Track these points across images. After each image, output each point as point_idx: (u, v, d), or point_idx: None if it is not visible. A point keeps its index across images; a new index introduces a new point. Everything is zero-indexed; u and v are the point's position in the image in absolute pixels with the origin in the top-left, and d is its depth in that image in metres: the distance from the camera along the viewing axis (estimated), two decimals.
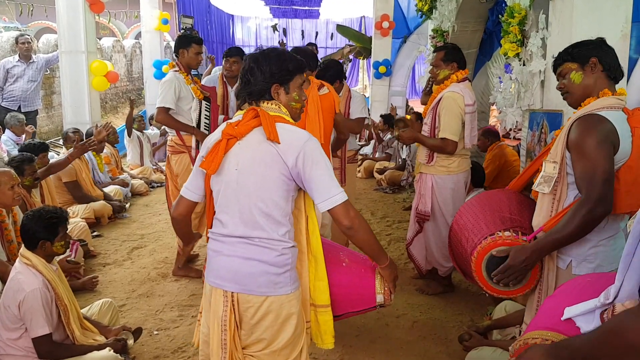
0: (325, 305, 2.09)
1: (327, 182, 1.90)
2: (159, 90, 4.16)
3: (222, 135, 1.96)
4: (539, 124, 3.48)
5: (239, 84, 2.06)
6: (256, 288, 1.91)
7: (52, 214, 2.83)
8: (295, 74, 2.04)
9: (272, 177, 1.90)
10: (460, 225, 2.64)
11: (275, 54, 2.02)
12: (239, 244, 1.94)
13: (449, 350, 3.23)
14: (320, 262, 2.06)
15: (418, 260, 4.06)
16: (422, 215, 3.87)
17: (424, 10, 6.54)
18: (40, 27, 16.87)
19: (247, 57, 2.05)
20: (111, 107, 12.02)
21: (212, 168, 1.94)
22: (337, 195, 1.90)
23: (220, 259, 1.97)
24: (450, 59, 3.72)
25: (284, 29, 17.82)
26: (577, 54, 2.24)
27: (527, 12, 3.62)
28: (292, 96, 2.04)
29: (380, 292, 2.12)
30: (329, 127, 3.46)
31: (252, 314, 1.93)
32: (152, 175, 7.70)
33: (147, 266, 4.55)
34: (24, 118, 6.53)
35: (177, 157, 4.25)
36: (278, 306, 1.92)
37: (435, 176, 3.79)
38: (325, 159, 1.94)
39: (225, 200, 1.96)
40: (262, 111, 1.94)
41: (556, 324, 1.56)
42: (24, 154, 4.28)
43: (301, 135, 1.94)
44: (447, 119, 3.61)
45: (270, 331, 1.94)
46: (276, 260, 1.92)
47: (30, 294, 2.62)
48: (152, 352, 3.20)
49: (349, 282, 2.14)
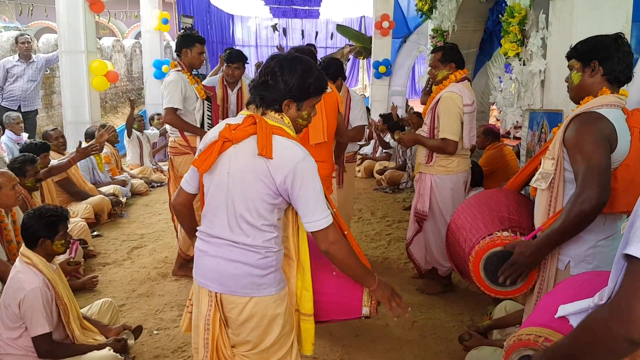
0: (309, 315, 2.09)
1: (313, 205, 1.87)
2: (165, 91, 4.11)
3: (219, 137, 1.94)
4: (539, 124, 3.49)
5: (255, 78, 2.00)
6: (239, 289, 1.93)
7: (52, 212, 2.84)
8: (313, 96, 1.98)
9: (258, 189, 1.88)
10: (457, 224, 2.63)
11: (303, 68, 1.93)
12: (225, 245, 1.94)
13: (449, 349, 3.23)
14: (307, 272, 2.06)
15: (417, 259, 4.06)
16: (420, 215, 3.88)
17: (424, 10, 6.54)
18: (40, 27, 16.86)
19: (275, 58, 1.97)
20: (111, 107, 12.02)
21: (204, 167, 1.93)
22: (320, 221, 1.88)
23: (205, 259, 1.99)
24: (448, 60, 3.72)
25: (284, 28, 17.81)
26: (583, 53, 2.20)
27: (527, 11, 3.62)
28: (302, 114, 1.98)
29: (367, 305, 2.12)
30: (333, 125, 3.45)
31: (237, 314, 1.95)
32: (152, 175, 7.70)
33: (147, 266, 4.55)
34: (19, 116, 6.51)
35: (181, 159, 4.22)
36: (263, 307, 1.93)
37: (434, 176, 3.79)
38: (315, 179, 1.88)
39: (215, 202, 1.96)
40: (260, 123, 1.88)
41: (550, 321, 1.56)
42: (26, 154, 4.28)
43: (295, 153, 1.87)
44: (446, 119, 3.61)
45: (256, 332, 1.95)
46: (259, 262, 1.92)
47: (31, 292, 2.62)
48: (152, 352, 3.20)
49: (337, 292, 2.13)
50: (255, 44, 17.78)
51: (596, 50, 2.17)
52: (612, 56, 2.14)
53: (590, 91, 2.19)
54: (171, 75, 4.17)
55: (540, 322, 1.61)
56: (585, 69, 2.19)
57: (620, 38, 2.17)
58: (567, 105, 3.16)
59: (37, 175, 4.25)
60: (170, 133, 4.31)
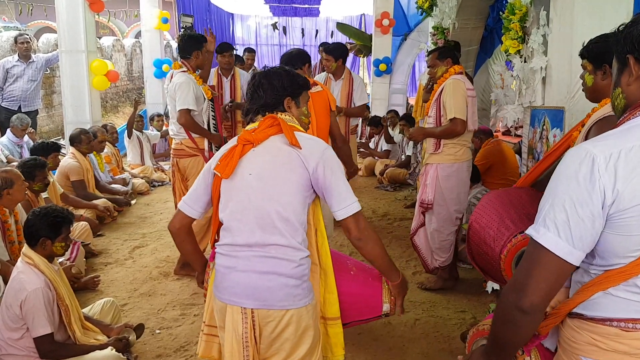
0: (336, 318, 2.07)
1: (344, 190, 1.92)
2: (177, 92, 4.02)
3: (238, 141, 1.96)
4: (541, 121, 3.48)
5: (247, 100, 2.10)
6: (276, 302, 1.87)
7: (58, 213, 2.84)
8: (304, 89, 2.13)
9: (293, 180, 1.89)
10: (481, 224, 2.58)
11: (284, 70, 2.10)
12: (255, 257, 1.88)
13: (451, 347, 3.22)
14: (330, 275, 2.05)
15: (422, 252, 4.07)
16: (425, 205, 3.91)
17: (425, 8, 6.54)
18: (40, 27, 16.84)
19: (257, 74, 2.10)
20: (112, 107, 12.01)
21: (227, 172, 1.91)
22: (351, 205, 1.91)
23: (234, 275, 1.90)
24: (445, 56, 3.83)
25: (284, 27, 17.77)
26: (594, 55, 2.19)
27: (528, 8, 3.62)
28: (303, 110, 2.13)
29: (387, 301, 2.12)
30: (324, 125, 3.50)
31: (272, 328, 1.89)
32: (153, 174, 7.69)
33: (148, 265, 4.55)
34: (29, 122, 6.52)
35: (189, 161, 4.19)
36: (298, 318, 1.89)
37: (441, 164, 3.83)
38: (341, 167, 1.98)
39: (239, 206, 1.92)
40: (281, 119, 1.98)
41: None
42: (37, 159, 4.28)
43: (319, 143, 1.99)
44: (453, 100, 3.66)
45: (289, 343, 1.91)
46: (294, 272, 1.88)
47: (32, 293, 2.62)
48: (154, 351, 3.20)
49: (356, 290, 2.13)
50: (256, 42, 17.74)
51: (608, 52, 2.15)
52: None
53: (605, 93, 2.17)
54: (180, 76, 4.08)
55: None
56: (597, 71, 2.19)
57: None
58: (568, 102, 3.15)
59: (45, 180, 4.27)
60: (174, 135, 4.24)
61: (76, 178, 5.54)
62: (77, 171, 5.57)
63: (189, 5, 12.89)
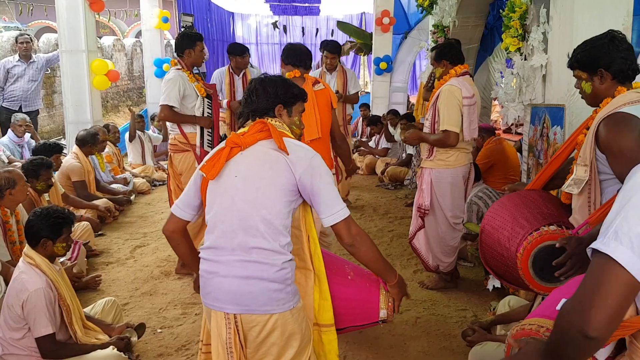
0: (330, 325, 2.06)
1: (332, 197, 1.93)
2: (162, 88, 4.16)
3: (227, 143, 1.96)
4: (541, 119, 3.48)
5: (242, 100, 2.12)
6: (259, 307, 1.87)
7: (59, 214, 2.84)
8: (298, 100, 2.13)
9: (278, 184, 1.89)
10: (494, 226, 2.57)
11: (280, 79, 2.12)
12: (236, 262, 1.88)
13: (452, 345, 3.23)
14: (324, 281, 2.04)
15: (422, 254, 4.07)
16: (422, 210, 3.89)
17: (425, 6, 6.53)
18: (40, 27, 16.85)
19: (253, 80, 2.12)
20: (112, 106, 12.01)
21: (212, 173, 1.93)
22: (340, 211, 1.92)
23: (216, 280, 1.91)
24: (440, 58, 3.79)
25: (284, 26, 17.77)
26: (585, 63, 2.19)
27: (528, 6, 3.61)
28: (294, 120, 2.12)
29: (384, 307, 2.10)
30: (327, 121, 3.52)
31: (257, 333, 1.89)
32: (154, 173, 7.70)
33: (150, 264, 4.56)
34: (24, 118, 6.50)
35: (181, 156, 4.24)
36: (283, 322, 1.89)
37: (433, 170, 3.81)
38: (329, 174, 1.97)
39: (223, 207, 1.93)
40: (271, 124, 1.98)
41: (553, 313, 1.56)
42: (44, 158, 4.29)
43: (307, 150, 1.98)
44: (446, 111, 3.64)
45: (276, 347, 1.91)
46: (276, 276, 1.87)
47: (34, 293, 2.63)
48: (155, 350, 3.20)
49: (354, 295, 2.12)
50: (256, 41, 17.74)
51: (598, 57, 2.16)
52: (615, 58, 2.13)
53: (606, 95, 2.18)
54: (170, 73, 4.19)
55: (544, 313, 1.61)
56: (594, 77, 2.18)
57: (615, 37, 2.15)
58: (568, 100, 3.15)
59: (49, 181, 4.27)
60: (170, 131, 4.33)
61: (77, 178, 5.56)
62: (79, 172, 5.59)
63: (189, 4, 12.87)
